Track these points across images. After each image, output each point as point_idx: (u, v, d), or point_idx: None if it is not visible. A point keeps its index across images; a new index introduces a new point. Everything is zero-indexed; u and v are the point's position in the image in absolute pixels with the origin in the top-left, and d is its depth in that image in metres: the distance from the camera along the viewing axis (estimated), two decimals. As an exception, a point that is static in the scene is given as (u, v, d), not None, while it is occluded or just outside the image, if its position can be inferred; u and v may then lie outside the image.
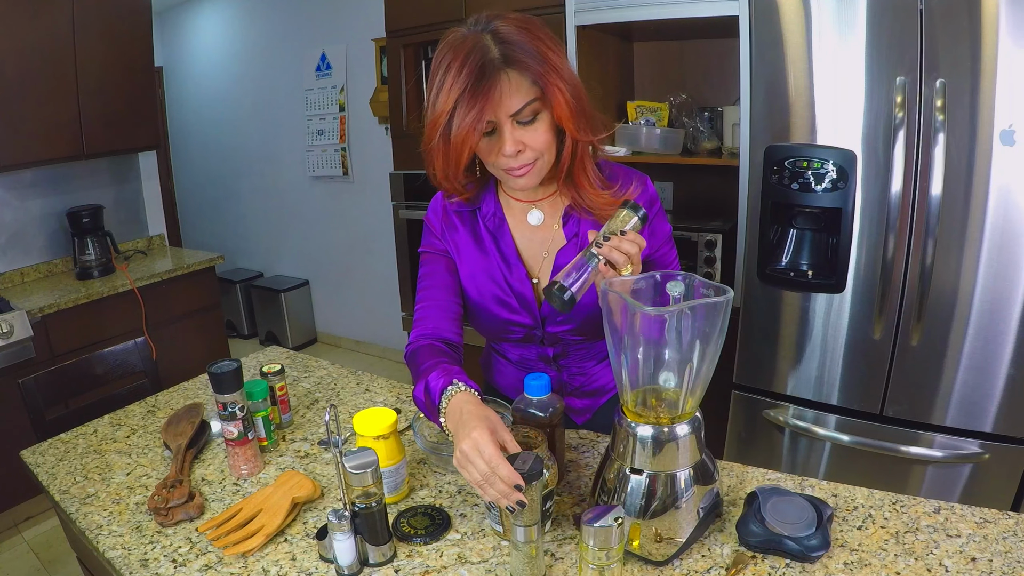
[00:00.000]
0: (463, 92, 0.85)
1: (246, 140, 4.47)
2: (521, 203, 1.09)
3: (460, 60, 0.86)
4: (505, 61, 0.87)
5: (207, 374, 1.12)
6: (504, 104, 0.88)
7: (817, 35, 1.57)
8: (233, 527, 0.98)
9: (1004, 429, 1.57)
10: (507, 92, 0.87)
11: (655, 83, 2.56)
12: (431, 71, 0.90)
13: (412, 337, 1.08)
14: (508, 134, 0.90)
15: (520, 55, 0.87)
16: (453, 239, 1.13)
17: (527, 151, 0.93)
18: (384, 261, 3.83)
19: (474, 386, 0.91)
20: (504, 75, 0.87)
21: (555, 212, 1.09)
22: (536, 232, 1.10)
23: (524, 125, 0.91)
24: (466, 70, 0.85)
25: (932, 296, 1.57)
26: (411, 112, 2.83)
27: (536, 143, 0.92)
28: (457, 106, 0.85)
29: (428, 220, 1.15)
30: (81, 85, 2.71)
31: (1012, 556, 0.85)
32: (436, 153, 0.92)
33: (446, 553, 0.91)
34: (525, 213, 1.09)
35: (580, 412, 1.24)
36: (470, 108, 0.85)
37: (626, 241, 0.87)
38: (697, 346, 0.82)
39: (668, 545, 0.86)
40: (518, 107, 0.88)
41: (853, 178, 1.59)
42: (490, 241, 1.10)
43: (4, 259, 2.84)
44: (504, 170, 0.96)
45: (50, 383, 1.57)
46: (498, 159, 0.93)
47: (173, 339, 2.91)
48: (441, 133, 0.88)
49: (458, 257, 1.13)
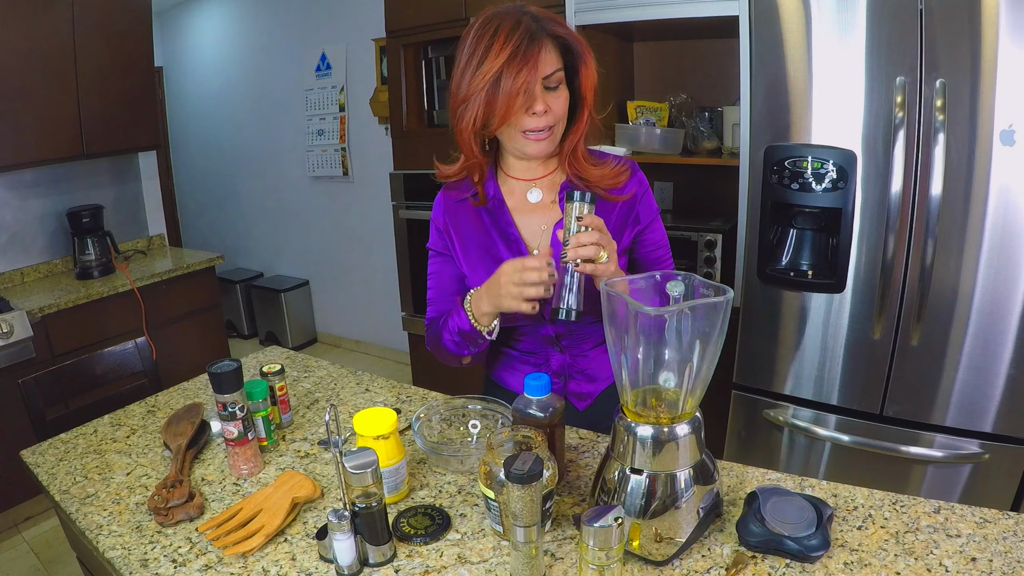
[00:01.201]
0: (514, 53, 0.98)
1: (246, 140, 4.47)
2: (521, 183, 1.18)
3: (509, 27, 0.99)
4: (545, 32, 1.02)
5: (207, 374, 1.12)
6: (540, 68, 1.01)
7: (817, 35, 1.57)
8: (233, 527, 0.98)
9: (1004, 429, 1.57)
10: (544, 59, 1.01)
11: (655, 83, 2.56)
12: (472, 39, 1.02)
13: (429, 314, 1.24)
14: (539, 94, 1.02)
15: (557, 30, 1.03)
16: (456, 227, 1.19)
17: (550, 114, 1.04)
18: (384, 261, 3.83)
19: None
20: (545, 42, 1.01)
21: (552, 190, 1.17)
22: (535, 209, 1.17)
23: (550, 91, 1.04)
24: (517, 34, 0.99)
25: (932, 296, 1.57)
26: (411, 112, 2.83)
27: (557, 108, 1.05)
28: (507, 65, 0.98)
29: (432, 218, 1.24)
30: (81, 85, 2.71)
31: (1012, 556, 0.85)
32: (476, 108, 1.02)
33: (446, 553, 0.91)
34: (524, 193, 1.18)
35: (583, 397, 1.25)
36: (521, 65, 0.98)
37: (583, 236, 0.97)
38: (697, 346, 0.82)
39: (668, 545, 0.86)
40: (551, 71, 1.02)
41: (853, 178, 1.59)
42: (490, 222, 1.17)
43: (4, 259, 2.84)
44: (524, 132, 1.06)
45: (50, 383, 1.57)
46: (526, 118, 1.04)
47: (173, 339, 2.91)
48: (488, 88, 0.99)
49: (461, 246, 1.19)
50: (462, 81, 1.03)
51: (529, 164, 1.16)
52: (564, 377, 1.23)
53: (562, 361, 1.22)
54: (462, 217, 1.19)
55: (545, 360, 1.24)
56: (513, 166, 1.17)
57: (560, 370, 1.23)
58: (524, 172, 1.17)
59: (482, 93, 1.00)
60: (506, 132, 1.08)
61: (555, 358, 1.23)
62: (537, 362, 1.24)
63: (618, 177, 1.14)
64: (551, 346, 1.22)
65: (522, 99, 1.01)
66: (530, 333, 1.22)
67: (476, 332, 1.09)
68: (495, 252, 1.16)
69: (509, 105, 1.00)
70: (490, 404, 1.20)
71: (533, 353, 1.24)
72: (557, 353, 1.22)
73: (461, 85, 1.03)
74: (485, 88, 0.99)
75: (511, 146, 1.11)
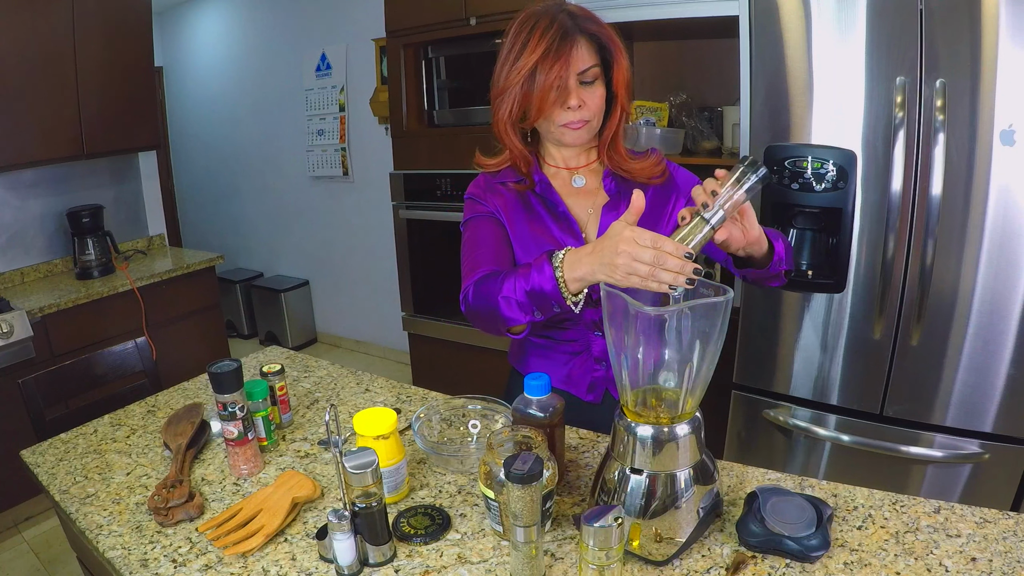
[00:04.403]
0: (548, 49, 1.02)
1: (246, 140, 4.47)
2: (566, 171, 1.20)
3: (544, 24, 1.03)
4: (580, 30, 1.05)
5: (207, 374, 1.12)
6: (575, 64, 1.04)
7: (817, 35, 1.57)
8: (233, 527, 0.98)
9: (1004, 429, 1.57)
10: (577, 55, 1.04)
11: (655, 83, 2.56)
12: (511, 35, 1.07)
13: (476, 276, 1.07)
14: (574, 89, 1.06)
15: (591, 27, 1.07)
16: (497, 203, 1.19)
17: (585, 108, 1.07)
18: (384, 261, 3.83)
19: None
20: (578, 39, 1.04)
21: (596, 177, 1.20)
22: (581, 193, 1.19)
23: (585, 86, 1.07)
24: (551, 32, 1.02)
25: (932, 296, 1.57)
26: (411, 112, 2.83)
27: (593, 102, 1.08)
28: (541, 60, 1.02)
29: (469, 193, 1.23)
30: (81, 85, 2.71)
31: (1012, 556, 0.85)
32: (512, 101, 1.06)
33: (446, 553, 0.91)
34: (570, 178, 1.20)
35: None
36: (554, 61, 1.02)
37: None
38: (697, 346, 0.82)
39: (668, 545, 0.86)
40: (585, 67, 1.05)
41: (853, 178, 1.59)
42: (538, 203, 1.18)
43: (4, 259, 2.84)
44: (563, 124, 1.09)
45: (50, 383, 1.57)
46: (562, 112, 1.07)
47: (173, 339, 2.91)
48: (524, 82, 1.04)
49: (505, 217, 1.18)
50: (500, 75, 1.08)
51: (569, 153, 1.19)
52: (606, 364, 1.20)
53: (604, 346, 1.18)
54: (507, 196, 1.19)
55: (586, 346, 1.20)
56: (554, 156, 1.20)
57: (602, 356, 1.20)
58: (565, 162, 1.20)
59: (518, 87, 1.05)
60: (543, 124, 1.12)
61: (596, 343, 1.19)
62: (576, 349, 1.21)
63: (656, 167, 1.18)
64: (593, 331, 1.19)
65: (556, 93, 1.04)
66: (573, 317, 1.16)
67: (558, 296, 0.93)
68: (545, 227, 1.16)
69: (543, 99, 1.04)
70: (490, 404, 1.20)
71: (573, 340, 1.21)
72: (599, 338, 1.19)
73: (499, 78, 1.08)
74: (521, 82, 1.04)
75: (550, 136, 1.15)
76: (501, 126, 1.12)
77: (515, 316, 0.99)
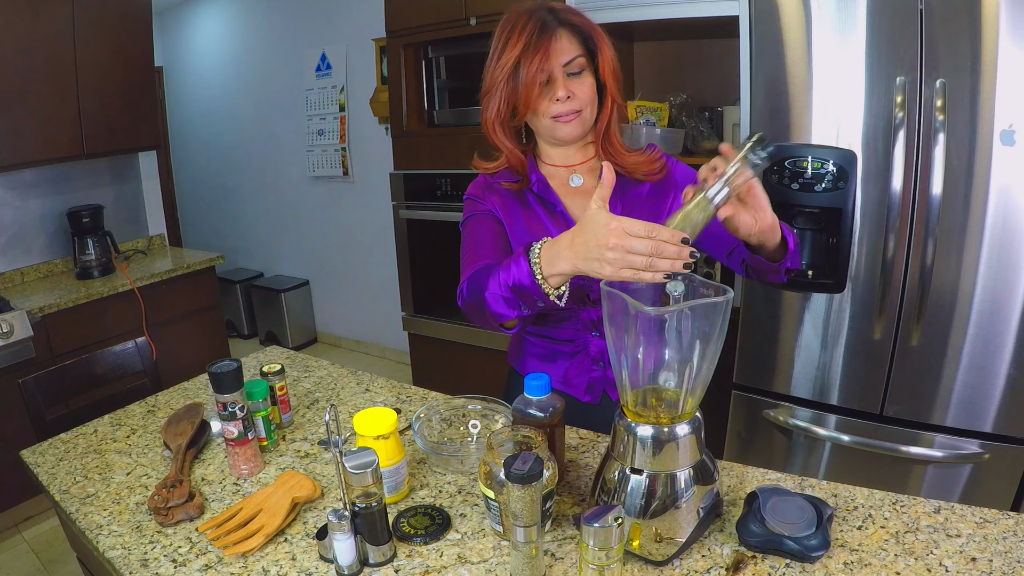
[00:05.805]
0: (527, 44, 1.02)
1: (246, 140, 4.47)
2: (562, 169, 1.19)
3: (523, 21, 1.04)
4: (560, 22, 1.06)
5: (207, 374, 1.12)
6: (558, 56, 1.04)
7: (817, 35, 1.57)
8: (233, 527, 0.98)
9: (1004, 429, 1.57)
10: (559, 47, 1.04)
11: (655, 83, 2.56)
12: (495, 36, 1.08)
13: (471, 271, 1.05)
14: (560, 81, 1.06)
15: (572, 19, 1.07)
16: (496, 202, 1.19)
17: (575, 99, 1.07)
18: (384, 261, 3.83)
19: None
20: (559, 32, 1.05)
21: (593, 176, 1.19)
22: (578, 192, 1.19)
23: (572, 77, 1.07)
24: (529, 27, 1.03)
25: (932, 296, 1.57)
26: (411, 112, 2.83)
27: (583, 92, 1.07)
28: (523, 55, 1.03)
29: (469, 194, 1.23)
30: (81, 85, 2.71)
31: (1012, 556, 0.85)
32: (499, 98, 1.07)
33: (446, 553, 0.91)
34: (567, 178, 1.19)
35: None
36: (535, 53, 1.03)
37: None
38: (697, 346, 0.82)
39: (668, 545, 0.86)
40: (569, 58, 1.05)
41: (853, 178, 1.59)
42: (536, 202, 1.18)
43: (4, 259, 2.84)
44: (553, 118, 1.08)
45: (50, 383, 1.57)
46: (551, 105, 1.07)
47: (173, 339, 2.91)
48: (508, 79, 1.05)
49: (504, 216, 1.18)
50: (486, 74, 1.09)
51: (566, 151, 1.17)
52: (603, 364, 1.20)
53: (601, 347, 1.18)
54: (506, 196, 1.19)
55: (583, 347, 1.20)
56: (551, 155, 1.19)
57: (599, 356, 1.19)
58: (562, 160, 1.19)
59: (503, 83, 1.05)
60: (535, 120, 1.11)
61: (594, 344, 1.19)
62: (573, 350, 1.20)
63: (654, 163, 1.16)
64: (590, 331, 1.18)
65: (540, 86, 1.05)
66: (570, 317, 1.18)
67: (538, 292, 0.90)
68: (543, 227, 1.16)
69: (529, 92, 1.04)
70: (490, 404, 1.20)
71: (570, 340, 1.20)
72: (596, 338, 1.19)
73: (485, 78, 1.09)
74: (506, 78, 1.05)
75: (544, 133, 1.14)
76: (490, 125, 1.12)
77: (503, 311, 0.97)
